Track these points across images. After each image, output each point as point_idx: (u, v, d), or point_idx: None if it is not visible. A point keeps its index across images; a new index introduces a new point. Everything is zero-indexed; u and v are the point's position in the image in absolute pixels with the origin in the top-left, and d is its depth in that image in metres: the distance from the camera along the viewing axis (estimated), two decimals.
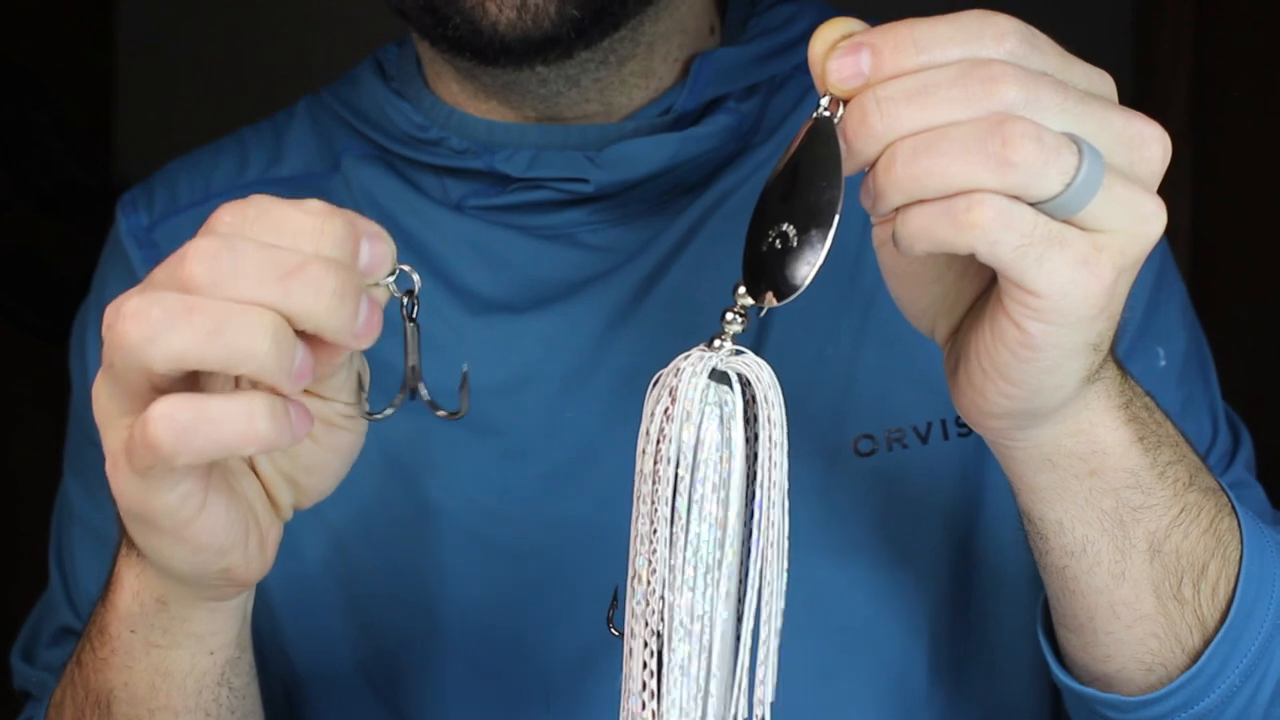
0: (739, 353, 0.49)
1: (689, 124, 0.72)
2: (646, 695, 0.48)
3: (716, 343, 0.49)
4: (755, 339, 0.73)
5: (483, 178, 0.74)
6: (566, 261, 0.73)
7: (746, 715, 0.49)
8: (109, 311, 0.46)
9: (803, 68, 0.71)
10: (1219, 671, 0.59)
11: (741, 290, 0.49)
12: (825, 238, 0.47)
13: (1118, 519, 0.55)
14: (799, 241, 0.47)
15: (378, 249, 0.48)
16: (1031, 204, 0.44)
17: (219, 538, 0.51)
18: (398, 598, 0.72)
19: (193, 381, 0.48)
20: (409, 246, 0.75)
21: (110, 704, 0.60)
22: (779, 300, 0.48)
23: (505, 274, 0.73)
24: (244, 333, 0.45)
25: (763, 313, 0.49)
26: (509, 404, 0.72)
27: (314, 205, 0.47)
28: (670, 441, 0.48)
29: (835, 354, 0.72)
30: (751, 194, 0.70)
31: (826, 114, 0.47)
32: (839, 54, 0.46)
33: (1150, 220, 0.46)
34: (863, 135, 0.45)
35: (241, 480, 0.53)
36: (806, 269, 0.47)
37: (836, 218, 0.47)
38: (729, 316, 0.49)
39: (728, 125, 0.72)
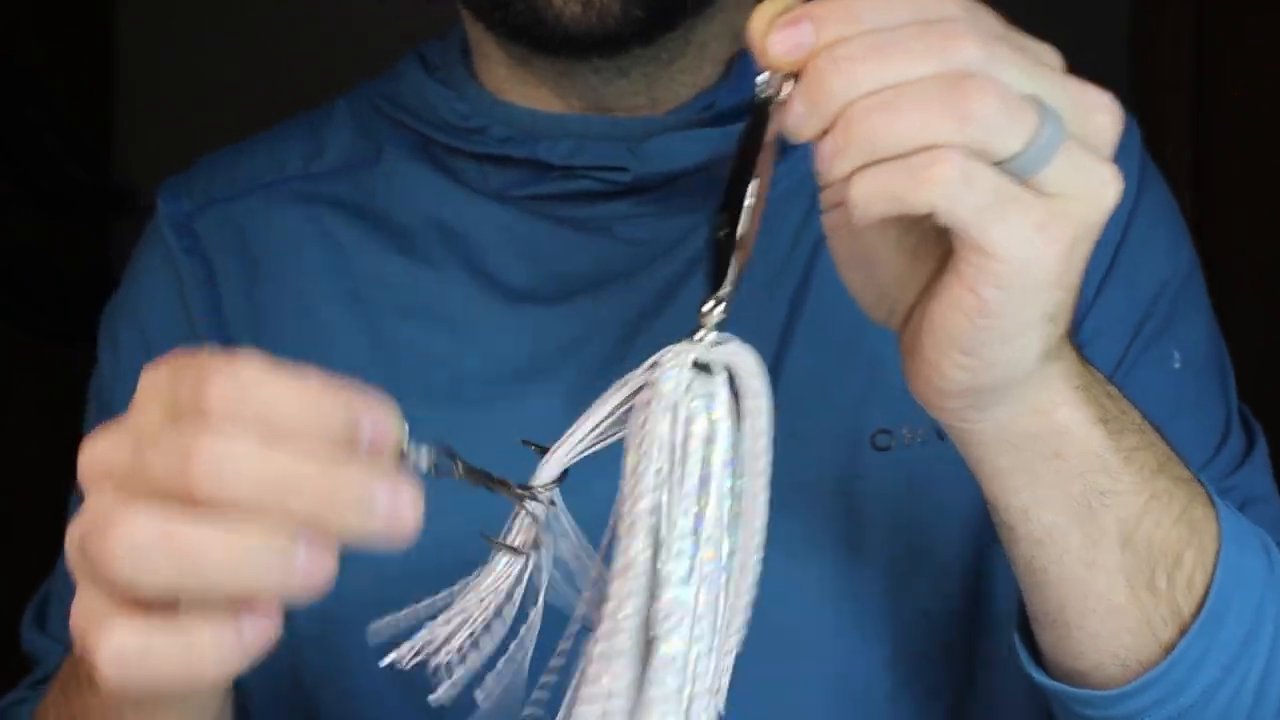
0: (722, 342, 0.47)
1: (730, 120, 0.73)
2: (617, 690, 0.46)
3: (699, 334, 0.47)
4: (786, 320, 0.73)
5: (524, 167, 0.75)
6: (602, 254, 0.74)
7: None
8: (84, 524, 0.42)
9: None
10: (1197, 666, 0.57)
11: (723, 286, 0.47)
12: (737, 231, 0.46)
13: (1085, 504, 0.54)
14: (725, 235, 0.47)
15: (380, 422, 0.43)
16: (991, 164, 0.44)
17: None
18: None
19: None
20: (446, 236, 0.75)
21: None
22: (718, 303, 0.47)
23: (540, 264, 0.74)
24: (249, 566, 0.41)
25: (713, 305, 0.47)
26: (533, 391, 0.72)
27: (309, 384, 0.42)
28: (651, 440, 0.46)
29: (865, 342, 0.71)
30: (789, 192, 0.71)
31: (769, 93, 0.46)
32: (780, 27, 0.45)
33: (1106, 187, 0.45)
34: (820, 96, 0.44)
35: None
36: (728, 266, 0.47)
37: (748, 206, 0.46)
38: (706, 306, 0.47)
39: None
